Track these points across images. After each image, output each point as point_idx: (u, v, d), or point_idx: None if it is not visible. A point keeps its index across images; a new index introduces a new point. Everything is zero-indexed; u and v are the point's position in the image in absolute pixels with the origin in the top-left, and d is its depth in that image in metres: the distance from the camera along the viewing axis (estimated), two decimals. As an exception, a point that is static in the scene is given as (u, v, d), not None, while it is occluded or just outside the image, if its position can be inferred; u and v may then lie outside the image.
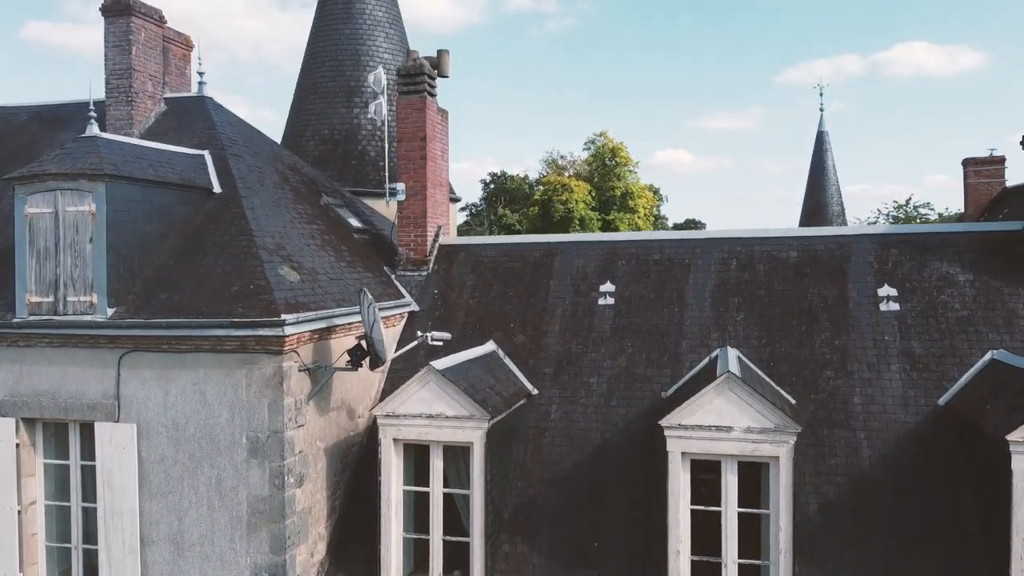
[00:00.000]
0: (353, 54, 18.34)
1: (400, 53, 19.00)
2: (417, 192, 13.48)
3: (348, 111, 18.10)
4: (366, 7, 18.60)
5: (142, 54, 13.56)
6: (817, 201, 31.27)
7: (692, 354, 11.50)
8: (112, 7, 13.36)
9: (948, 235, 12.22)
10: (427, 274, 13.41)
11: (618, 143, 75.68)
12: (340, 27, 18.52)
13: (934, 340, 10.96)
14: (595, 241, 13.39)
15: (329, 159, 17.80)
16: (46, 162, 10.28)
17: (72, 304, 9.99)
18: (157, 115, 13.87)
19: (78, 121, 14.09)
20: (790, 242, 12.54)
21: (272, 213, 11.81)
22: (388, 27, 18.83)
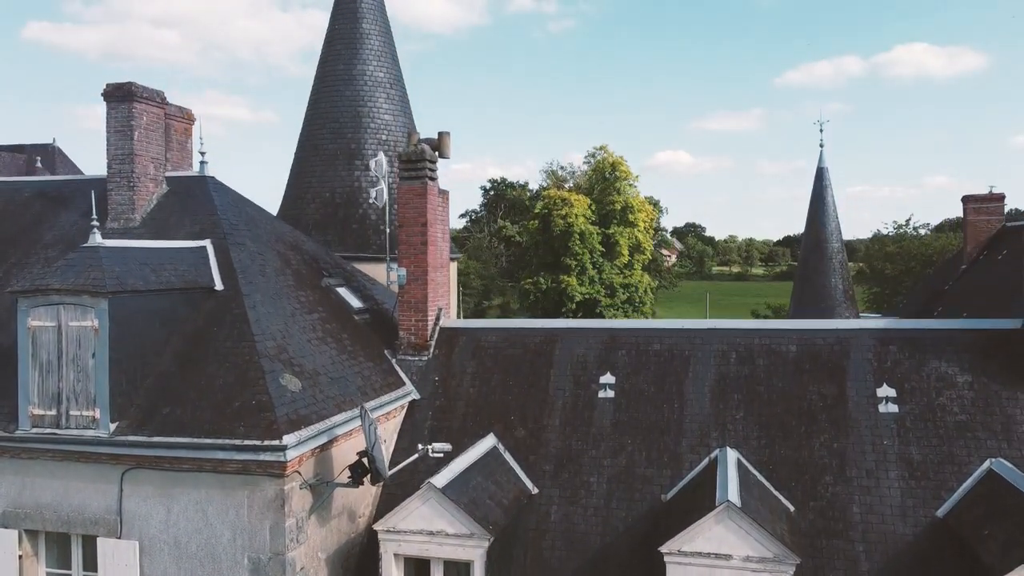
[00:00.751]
0: (354, 116, 18.37)
1: (401, 114, 19.06)
2: (418, 277, 13.52)
3: (349, 173, 18.14)
4: (367, 68, 18.64)
5: (144, 138, 13.59)
6: (817, 238, 31.31)
7: (692, 454, 11.55)
8: (114, 93, 13.39)
9: (947, 332, 12.26)
10: (428, 359, 13.46)
11: (618, 157, 75.84)
12: (341, 88, 18.55)
13: (932, 446, 11.00)
14: (595, 328, 13.43)
15: (330, 222, 17.85)
16: (49, 275, 10.32)
17: (75, 418, 10.04)
18: (159, 197, 13.90)
19: (81, 200, 14.20)
20: (789, 335, 12.59)
21: (274, 310, 11.85)
22: (389, 87, 18.87)
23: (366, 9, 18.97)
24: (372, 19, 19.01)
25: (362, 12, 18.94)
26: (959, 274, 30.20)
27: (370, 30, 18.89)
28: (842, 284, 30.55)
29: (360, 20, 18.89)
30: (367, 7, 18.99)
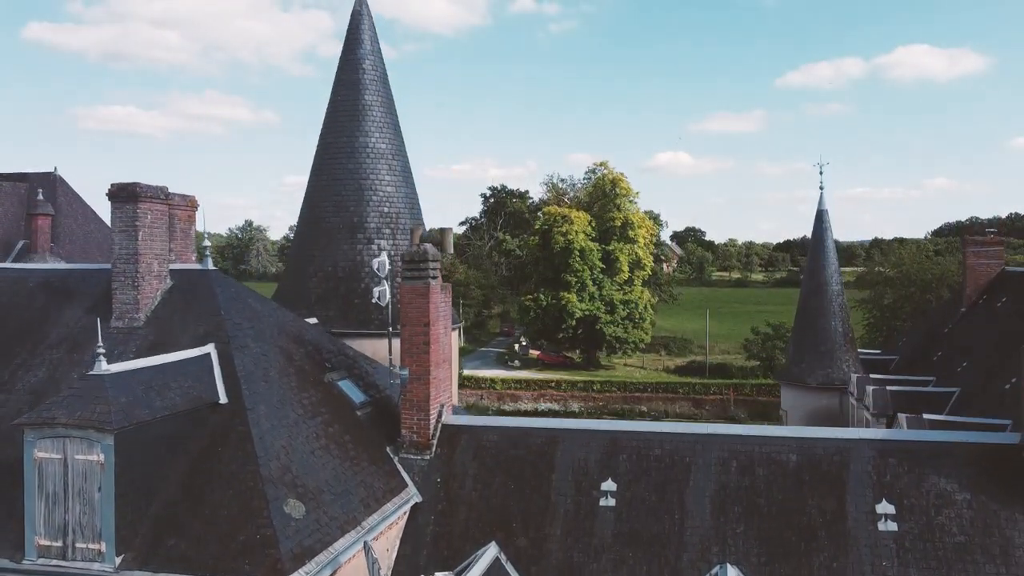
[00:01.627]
0: (356, 189, 18.45)
1: (404, 184, 19.13)
2: (420, 376, 13.60)
3: (351, 247, 18.22)
4: (369, 140, 18.72)
5: (148, 237, 13.67)
6: (817, 280, 31.41)
7: (692, 569, 11.64)
8: (119, 193, 13.47)
9: (947, 445, 12.34)
10: (430, 458, 13.55)
11: (618, 173, 75.98)
12: (343, 161, 18.63)
13: (931, 568, 11.10)
14: (596, 430, 13.52)
15: (332, 297, 17.93)
16: (55, 407, 10.40)
17: (80, 551, 10.13)
18: (163, 293, 13.98)
19: (86, 294, 14.28)
20: (790, 444, 12.67)
21: (277, 422, 11.93)
22: (391, 158, 18.94)
23: (368, 80, 19.04)
24: (375, 90, 19.08)
25: (364, 83, 19.01)
26: (959, 317, 30.31)
27: (372, 101, 18.96)
28: (842, 327, 30.64)
29: (363, 91, 18.97)
30: (370, 79, 19.06)
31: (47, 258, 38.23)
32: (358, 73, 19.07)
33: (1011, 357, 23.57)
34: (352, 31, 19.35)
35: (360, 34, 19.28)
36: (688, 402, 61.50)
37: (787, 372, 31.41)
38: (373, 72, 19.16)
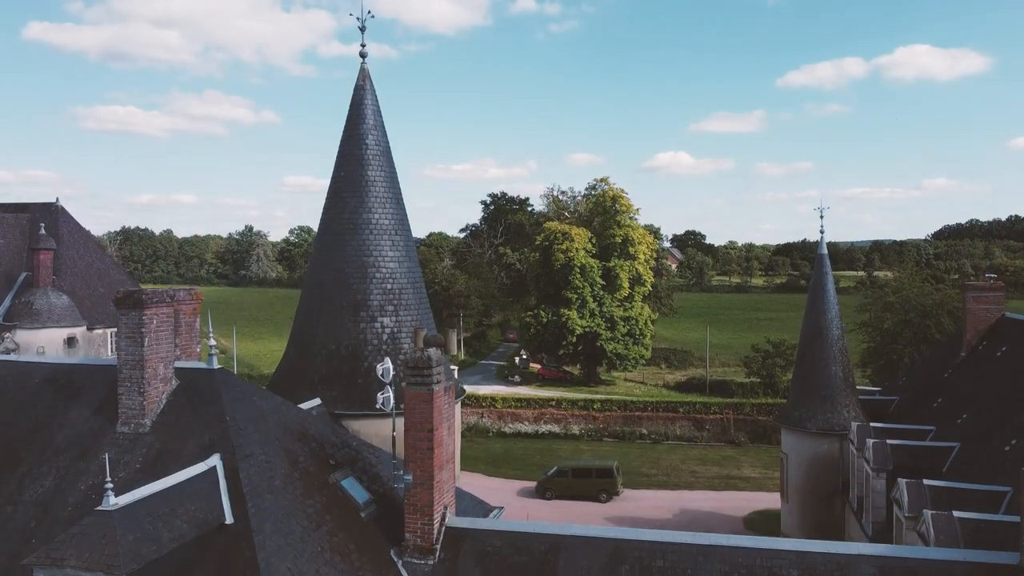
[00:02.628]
0: (360, 266, 18.54)
1: (407, 259, 19.22)
2: (423, 482, 13.71)
3: (355, 325, 18.31)
4: (372, 216, 18.81)
5: (154, 342, 13.78)
6: (818, 324, 31.51)
7: None
8: (125, 301, 13.58)
9: (946, 564, 12.43)
10: (433, 563, 13.65)
11: (618, 189, 76.12)
12: (347, 238, 18.72)
13: None
14: (600, 538, 13.61)
15: (336, 377, 18.03)
16: (64, 547, 10.51)
17: None
18: (169, 395, 14.09)
19: (92, 393, 14.39)
20: (790, 557, 12.77)
21: (283, 543, 12.05)
22: (394, 234, 19.03)
23: (372, 156, 19.13)
24: (377, 165, 19.17)
25: (368, 159, 19.10)
26: (959, 361, 30.45)
27: (375, 177, 19.05)
28: (842, 372, 30.75)
29: (366, 167, 19.06)
30: (373, 154, 19.14)
31: (49, 293, 38.41)
32: (361, 148, 19.15)
33: (1010, 413, 23.77)
34: (355, 105, 19.42)
35: (363, 108, 19.35)
36: (688, 421, 61.56)
37: (787, 415, 31.53)
38: (376, 147, 19.24)
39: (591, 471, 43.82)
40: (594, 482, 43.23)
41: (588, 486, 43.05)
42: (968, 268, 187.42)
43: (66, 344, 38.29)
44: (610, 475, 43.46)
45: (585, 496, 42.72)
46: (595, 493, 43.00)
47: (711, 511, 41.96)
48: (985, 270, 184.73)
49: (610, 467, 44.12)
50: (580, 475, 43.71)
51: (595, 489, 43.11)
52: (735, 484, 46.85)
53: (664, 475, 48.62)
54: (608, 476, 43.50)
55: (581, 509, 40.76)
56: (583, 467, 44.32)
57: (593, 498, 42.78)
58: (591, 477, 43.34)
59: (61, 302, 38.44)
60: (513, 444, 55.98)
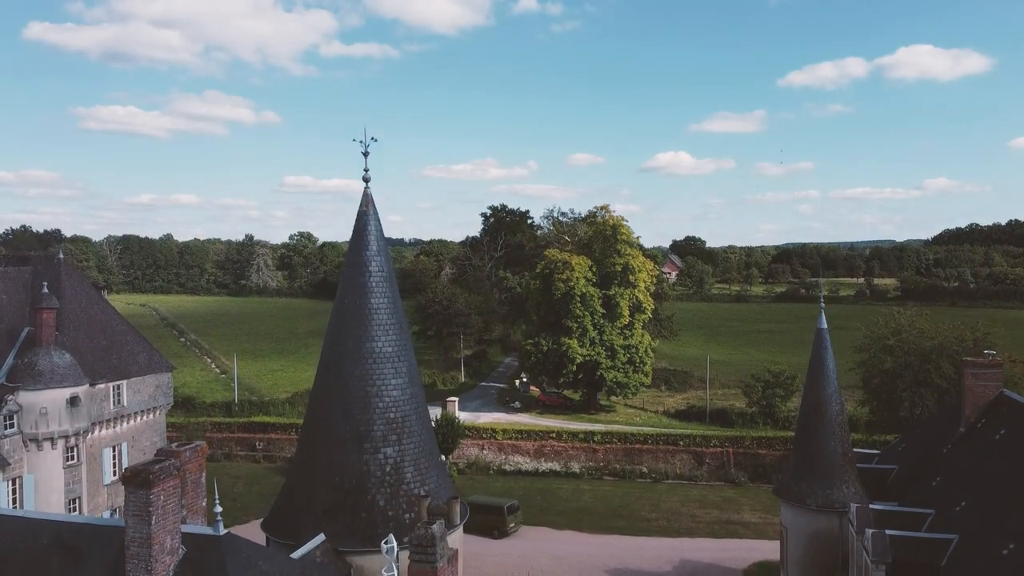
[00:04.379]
0: (363, 396, 18.68)
1: (410, 385, 19.34)
2: (429, 654, 13.86)
3: (358, 456, 18.46)
4: (375, 345, 18.94)
5: (161, 517, 13.92)
6: (817, 400, 31.64)
7: None
8: (134, 479, 13.71)
9: None
10: None
11: (619, 217, 76.27)
12: (350, 367, 18.86)
13: None
14: None
15: (339, 510, 18.18)
16: None
17: None
18: (175, 566, 14.24)
19: (98, 558, 14.55)
20: None
21: None
22: (397, 361, 19.16)
23: (375, 283, 19.27)
24: (380, 292, 19.31)
25: (371, 286, 19.25)
26: (957, 438, 30.66)
27: (379, 304, 19.19)
28: (841, 447, 30.88)
29: (369, 295, 19.20)
30: (376, 281, 19.29)
31: (52, 353, 38.53)
32: (364, 276, 19.28)
33: (1008, 509, 23.97)
34: (359, 231, 19.55)
35: (367, 235, 19.48)
36: (688, 455, 61.85)
37: (787, 490, 31.69)
38: (379, 274, 19.38)
39: (483, 507, 44.58)
40: (485, 519, 44.25)
41: (481, 523, 43.72)
42: (968, 276, 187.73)
43: (68, 404, 38.47)
44: (500, 513, 45.11)
45: (480, 532, 43.51)
46: (488, 529, 44.40)
47: (711, 562, 42.22)
48: (985, 277, 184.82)
49: (501, 506, 45.77)
50: (475, 511, 44.35)
51: (488, 526, 44.45)
52: (735, 531, 47.08)
53: (665, 519, 48.86)
54: (498, 514, 45.01)
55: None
56: (478, 503, 44.28)
57: (487, 534, 44.11)
58: (484, 514, 44.20)
59: (64, 361, 38.55)
60: (514, 483, 56.16)
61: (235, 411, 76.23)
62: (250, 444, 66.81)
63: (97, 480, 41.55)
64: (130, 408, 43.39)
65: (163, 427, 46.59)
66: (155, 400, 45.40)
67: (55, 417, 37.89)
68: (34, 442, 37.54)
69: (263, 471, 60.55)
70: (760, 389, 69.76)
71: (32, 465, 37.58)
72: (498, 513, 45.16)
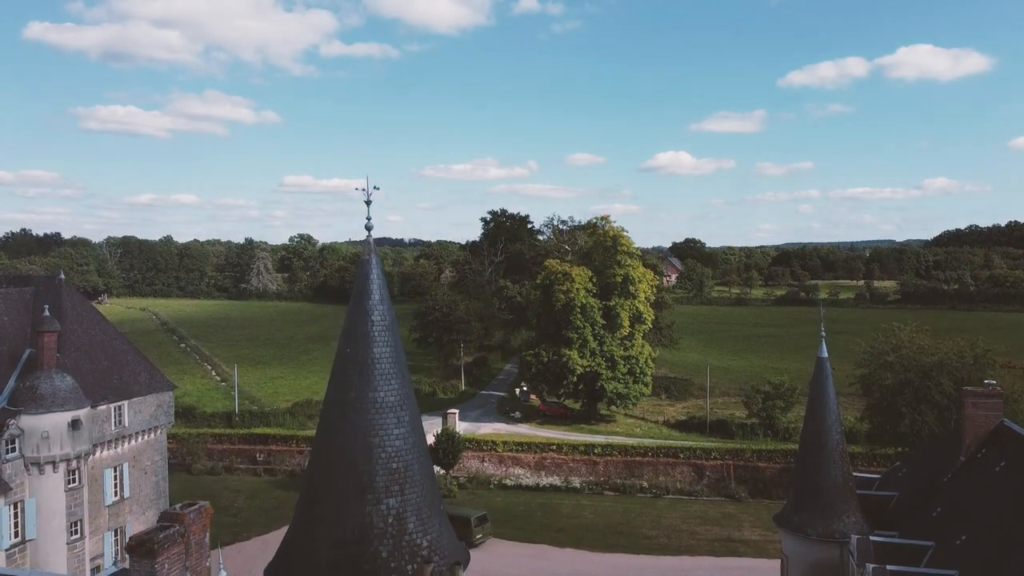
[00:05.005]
0: (365, 447, 18.67)
1: (412, 434, 19.34)
2: None
3: (360, 508, 18.42)
4: (377, 395, 18.90)
5: (165, 585, 13.96)
6: (817, 430, 31.64)
7: None
8: (138, 548, 13.75)
9: None
10: None
11: (619, 228, 76.33)
12: (351, 417, 18.83)
13: None
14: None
15: (342, 566, 18.16)
16: None
17: None
18: (180, 633, 14.29)
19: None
20: None
21: None
22: (400, 410, 19.15)
23: (377, 332, 19.25)
24: (383, 341, 19.29)
25: (373, 336, 19.22)
26: (958, 467, 30.72)
27: (381, 354, 19.18)
28: (841, 477, 30.91)
29: (371, 344, 19.17)
30: (378, 330, 19.26)
31: (53, 376, 38.57)
32: (367, 325, 19.26)
33: (1008, 549, 24.04)
34: (362, 279, 19.49)
35: (369, 283, 19.46)
36: (689, 468, 62.02)
37: (787, 519, 31.71)
38: (382, 323, 19.36)
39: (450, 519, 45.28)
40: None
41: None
42: (968, 279, 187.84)
43: (70, 427, 38.51)
44: (467, 525, 45.94)
45: None
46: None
47: (711, 584, 42.40)
48: (984, 280, 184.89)
49: (468, 517, 46.65)
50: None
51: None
52: (736, 548, 47.19)
53: (665, 537, 48.96)
54: (465, 526, 45.65)
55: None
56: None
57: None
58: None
59: (65, 385, 38.58)
60: (514, 498, 56.27)
61: (235, 422, 76.33)
62: (251, 456, 66.93)
63: (98, 501, 41.60)
64: (131, 428, 43.43)
65: (164, 445, 46.66)
66: (156, 419, 45.44)
67: (57, 441, 37.94)
68: (36, 466, 37.58)
69: (264, 484, 60.69)
70: (760, 400, 69.85)
71: (33, 489, 37.65)
72: (465, 525, 45.83)
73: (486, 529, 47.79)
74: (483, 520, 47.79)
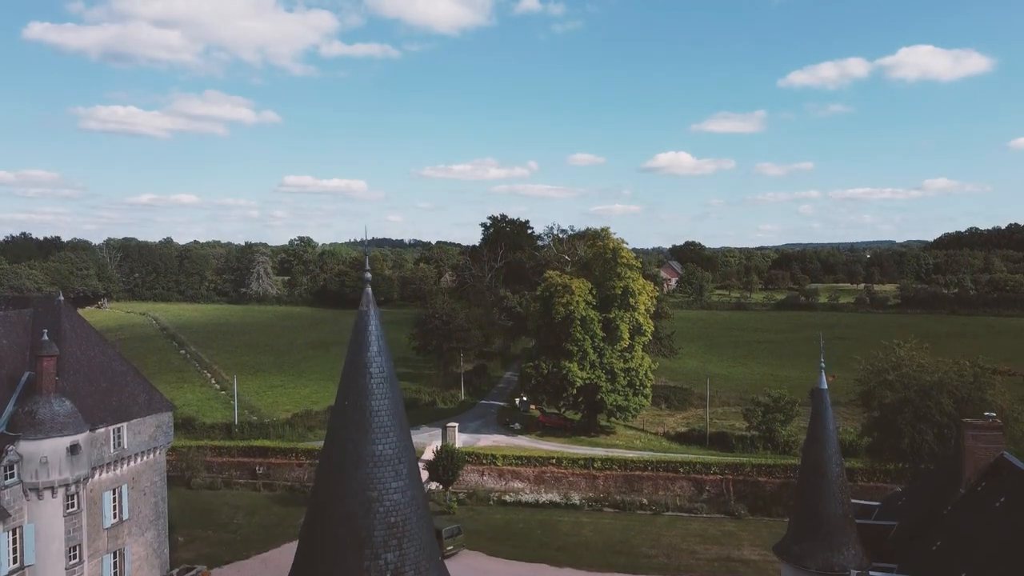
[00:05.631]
0: (363, 501, 18.63)
1: (411, 487, 19.29)
2: None
3: (359, 563, 18.39)
4: (376, 448, 18.84)
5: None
6: (817, 459, 31.58)
7: None
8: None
9: None
10: None
11: (619, 240, 76.28)
12: (350, 472, 18.79)
13: None
14: None
15: (341, 619, 18.16)
16: None
17: None
18: None
19: None
20: None
21: None
22: (397, 463, 19.08)
23: (375, 385, 19.16)
24: (381, 394, 19.21)
25: (371, 388, 19.13)
26: (958, 499, 30.67)
27: (379, 407, 19.11)
28: (841, 509, 30.85)
29: (370, 397, 19.10)
30: (376, 382, 19.17)
31: (52, 401, 38.50)
32: (365, 378, 19.16)
33: None
34: (360, 331, 19.42)
35: (368, 335, 19.37)
36: (688, 482, 61.98)
37: (786, 550, 31.62)
38: (380, 375, 19.27)
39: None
40: None
41: None
42: (968, 283, 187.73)
43: (69, 452, 38.45)
44: (437, 536, 46.27)
45: None
46: None
47: (711, 605, 42.37)
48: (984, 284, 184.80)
49: (438, 529, 47.09)
50: None
51: None
52: (736, 568, 47.15)
53: (665, 556, 48.90)
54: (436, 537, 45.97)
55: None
56: None
57: None
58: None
59: (64, 409, 38.50)
60: (514, 515, 56.22)
61: (235, 433, 76.30)
62: (250, 469, 66.86)
63: (97, 524, 41.56)
64: (130, 450, 43.38)
65: (163, 466, 46.61)
66: (155, 440, 45.39)
67: (56, 466, 37.89)
68: (34, 491, 37.52)
69: (263, 500, 60.64)
70: (760, 414, 69.82)
71: (32, 515, 37.60)
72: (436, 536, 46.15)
73: (458, 541, 48.89)
74: (454, 533, 48.84)
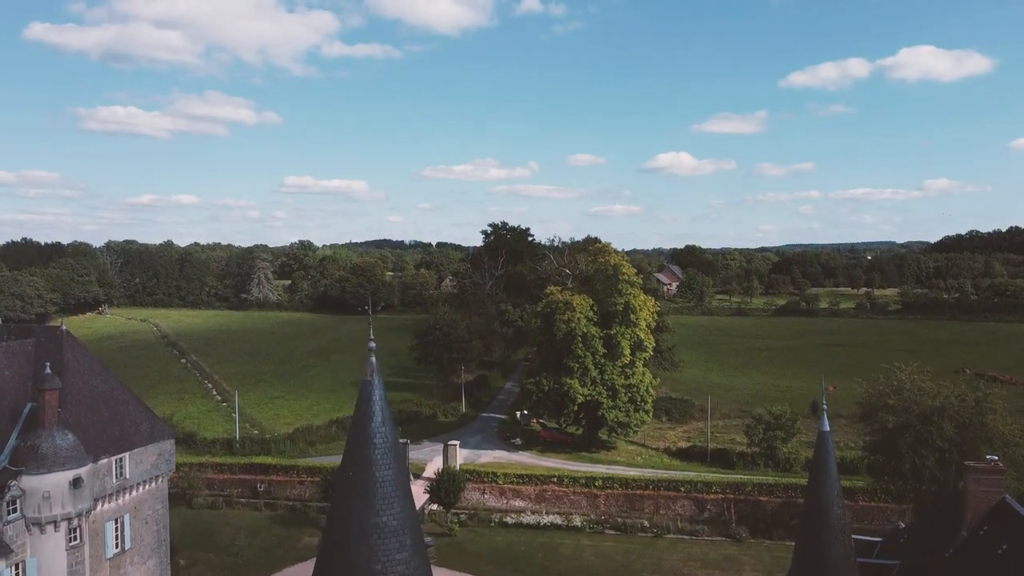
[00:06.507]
0: (368, 572, 18.70)
1: (414, 558, 19.34)
2: None
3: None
4: (380, 520, 18.89)
5: None
6: (819, 502, 31.57)
7: None
8: None
9: None
10: None
11: (620, 255, 76.29)
12: (354, 545, 18.84)
13: None
14: None
15: None
16: None
17: None
18: None
19: None
20: None
21: None
22: (402, 534, 19.13)
23: (379, 455, 19.19)
24: (385, 464, 19.25)
25: (376, 459, 19.16)
26: (960, 543, 30.71)
27: (384, 477, 19.16)
28: (842, 551, 30.84)
29: (374, 468, 19.14)
30: (380, 453, 19.20)
31: (55, 435, 38.52)
32: (369, 449, 19.10)
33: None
34: (364, 401, 19.37)
35: (372, 405, 19.37)
36: (689, 501, 62.06)
37: (789, 592, 31.74)
38: (384, 445, 19.23)
39: None
40: None
41: None
42: (968, 287, 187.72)
43: (71, 485, 38.46)
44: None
45: None
46: None
47: (713, 635, 42.40)
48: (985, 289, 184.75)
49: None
50: None
51: None
52: (737, 595, 47.26)
53: (666, 582, 48.98)
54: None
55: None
56: None
57: None
58: None
59: (67, 443, 38.52)
60: (515, 537, 56.26)
61: (236, 448, 76.26)
62: (251, 487, 66.89)
63: (99, 555, 41.59)
64: (132, 480, 43.40)
65: (165, 493, 46.65)
66: (157, 468, 45.42)
67: (58, 500, 37.91)
68: (37, 526, 37.57)
69: (264, 520, 60.61)
70: (761, 431, 69.91)
71: (35, 549, 37.64)
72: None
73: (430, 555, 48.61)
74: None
